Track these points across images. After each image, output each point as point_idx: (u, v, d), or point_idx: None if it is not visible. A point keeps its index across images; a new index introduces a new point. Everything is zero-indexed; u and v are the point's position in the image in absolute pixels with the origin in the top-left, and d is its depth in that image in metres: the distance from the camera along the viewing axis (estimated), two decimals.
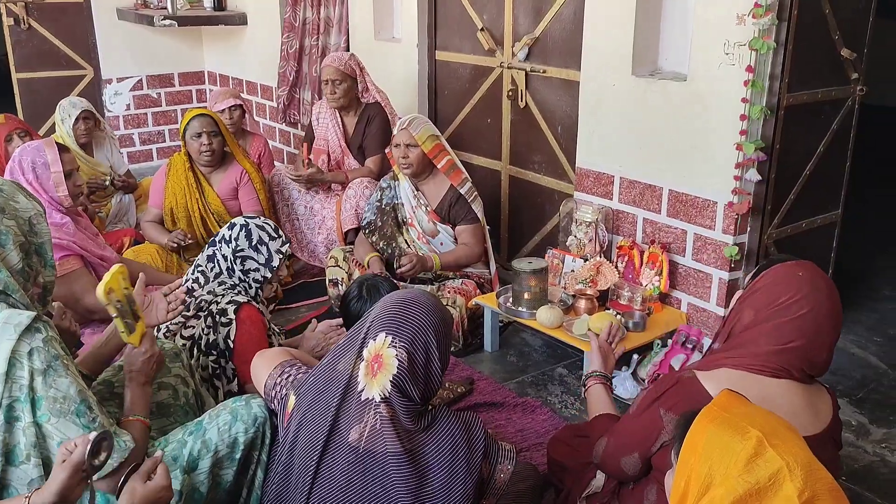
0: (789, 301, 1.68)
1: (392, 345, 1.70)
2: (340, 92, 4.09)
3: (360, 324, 1.81)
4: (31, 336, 1.63)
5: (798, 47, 2.85)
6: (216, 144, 3.78)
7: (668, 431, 1.68)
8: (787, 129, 2.96)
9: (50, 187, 3.11)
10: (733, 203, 2.94)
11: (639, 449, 1.76)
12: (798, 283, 1.70)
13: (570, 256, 3.44)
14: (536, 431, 2.76)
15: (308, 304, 3.83)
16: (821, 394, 1.74)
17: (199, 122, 3.76)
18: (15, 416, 1.63)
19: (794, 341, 1.66)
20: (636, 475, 1.82)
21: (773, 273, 1.75)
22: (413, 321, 1.72)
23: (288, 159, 5.80)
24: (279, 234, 2.69)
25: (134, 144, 6.40)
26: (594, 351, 2.31)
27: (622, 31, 3.22)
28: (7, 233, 1.72)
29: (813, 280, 1.70)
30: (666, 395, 1.73)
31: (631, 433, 1.80)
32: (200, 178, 3.89)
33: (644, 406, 1.78)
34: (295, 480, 1.78)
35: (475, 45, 4.14)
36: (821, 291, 1.69)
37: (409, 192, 3.60)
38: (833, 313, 1.69)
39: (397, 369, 1.68)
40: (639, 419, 1.78)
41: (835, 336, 1.71)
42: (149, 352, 1.95)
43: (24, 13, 5.81)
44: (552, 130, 3.83)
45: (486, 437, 1.78)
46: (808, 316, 1.67)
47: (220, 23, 5.96)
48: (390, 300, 1.80)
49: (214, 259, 2.63)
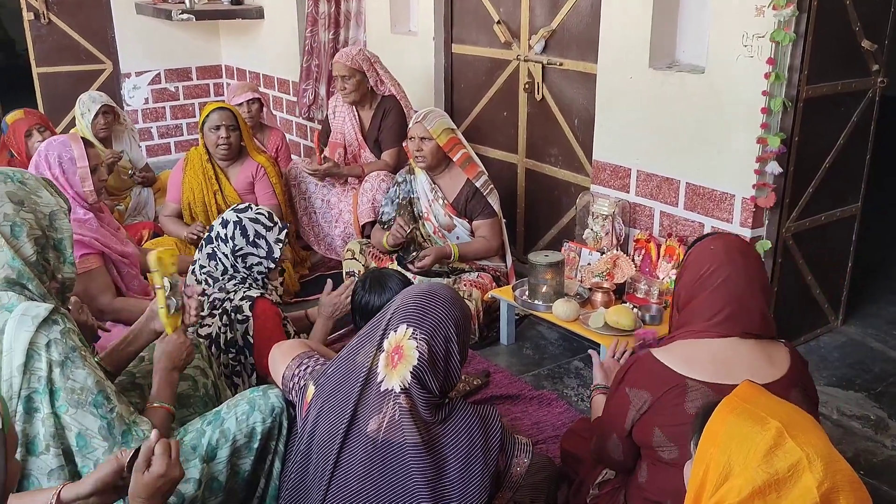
0: (707, 273, 1.82)
1: (413, 336, 1.71)
2: (350, 87, 4.09)
3: (381, 315, 1.82)
4: (49, 328, 1.66)
5: (818, 39, 2.82)
6: (233, 138, 3.80)
7: (634, 405, 1.81)
8: (806, 122, 2.93)
9: (76, 182, 3.13)
10: (756, 197, 2.91)
11: (615, 430, 1.88)
12: (711, 255, 1.84)
13: (586, 249, 3.43)
14: (552, 424, 2.77)
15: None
16: (775, 346, 1.83)
17: (219, 115, 3.79)
18: (34, 406, 1.65)
19: (724, 309, 1.78)
20: (624, 459, 1.91)
21: (693, 252, 1.91)
22: (434, 313, 1.73)
23: (305, 153, 5.82)
24: (275, 222, 2.67)
25: (152, 138, 6.44)
26: (597, 367, 2.36)
27: (639, 24, 3.21)
28: (22, 225, 1.74)
29: (726, 249, 1.84)
30: (627, 374, 1.85)
31: (607, 418, 1.92)
32: (218, 172, 3.91)
33: (613, 389, 1.91)
34: (313, 470, 1.80)
35: (492, 37, 4.14)
36: (734, 258, 1.83)
37: (427, 185, 3.60)
38: (751, 275, 1.83)
39: (417, 360, 1.69)
40: (610, 402, 1.91)
41: (762, 296, 1.83)
42: (181, 338, 1.99)
43: (45, 8, 5.86)
44: (569, 123, 3.82)
45: (502, 431, 1.79)
46: (727, 282, 1.79)
47: (237, 17, 5.99)
48: (411, 292, 1.81)
49: (216, 257, 2.62)
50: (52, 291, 1.81)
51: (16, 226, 1.74)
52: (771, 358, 1.80)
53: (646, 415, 1.80)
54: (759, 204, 2.92)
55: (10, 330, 1.63)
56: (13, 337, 1.63)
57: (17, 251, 1.72)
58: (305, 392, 1.87)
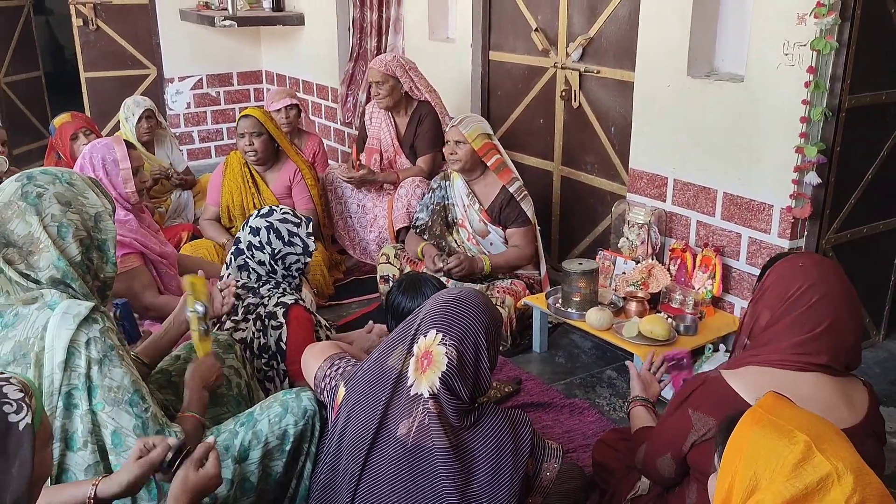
0: (799, 292, 1.70)
1: (442, 342, 1.71)
2: (384, 92, 4.13)
3: (411, 320, 1.83)
4: (89, 326, 1.69)
5: (861, 48, 2.77)
6: (258, 145, 3.85)
7: (696, 430, 1.71)
8: (848, 132, 2.88)
9: (118, 184, 3.21)
10: (793, 208, 2.87)
11: (670, 449, 1.78)
12: (803, 273, 1.72)
13: (621, 258, 3.41)
14: (583, 433, 2.75)
15: (359, 301, 3.89)
16: (855, 385, 1.72)
17: (243, 122, 3.86)
18: (73, 403, 1.69)
19: (817, 328, 1.67)
20: (672, 477, 1.83)
21: (776, 270, 1.78)
22: (464, 319, 1.73)
23: (342, 158, 5.87)
24: (300, 218, 2.72)
25: (193, 142, 6.56)
26: (634, 378, 2.31)
27: (678, 32, 3.18)
28: (69, 226, 1.79)
29: (818, 267, 1.73)
30: (693, 395, 1.75)
31: (662, 435, 1.83)
32: (256, 177, 3.97)
33: (673, 407, 1.80)
34: (343, 471, 1.81)
35: (529, 45, 4.14)
36: (828, 275, 1.71)
37: (463, 191, 3.61)
38: (847, 293, 1.71)
39: (446, 367, 1.69)
40: (669, 420, 1.81)
41: (857, 317, 1.72)
42: (212, 362, 2.07)
43: (93, 14, 6.01)
44: (605, 131, 3.80)
45: (532, 435, 1.78)
46: (822, 301, 1.68)
47: (278, 23, 6.07)
48: (441, 298, 1.81)
49: (247, 268, 2.65)
50: (93, 291, 1.85)
51: (62, 226, 1.78)
52: (850, 399, 1.68)
53: (709, 441, 1.69)
54: (795, 214, 2.88)
55: (52, 327, 1.68)
56: (55, 334, 1.67)
57: (62, 251, 1.77)
58: (336, 393, 1.89)
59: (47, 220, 1.76)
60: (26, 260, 1.75)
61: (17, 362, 1.69)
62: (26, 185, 1.77)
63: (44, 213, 1.76)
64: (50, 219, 1.76)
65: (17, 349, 1.69)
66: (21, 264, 1.74)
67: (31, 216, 1.75)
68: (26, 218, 1.75)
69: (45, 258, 1.75)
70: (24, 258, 1.74)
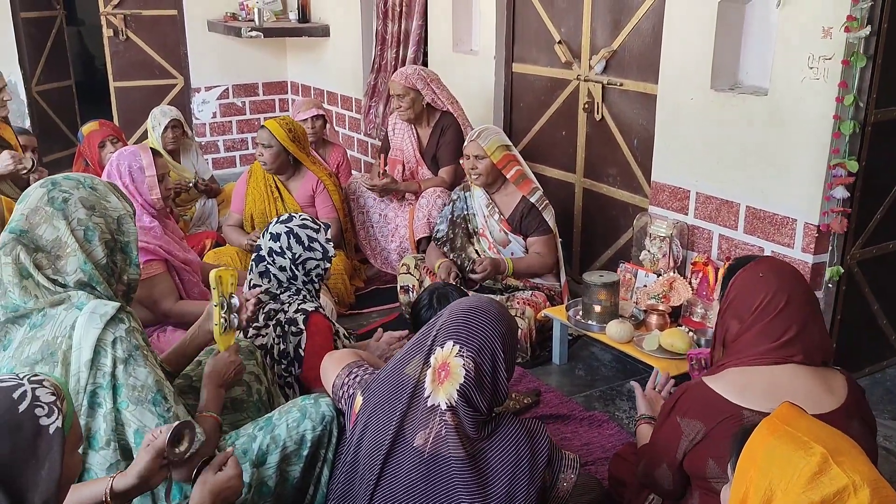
0: (766, 301, 1.78)
1: (459, 354, 1.71)
2: (405, 105, 4.15)
3: (428, 329, 1.83)
4: (116, 326, 1.72)
5: (887, 61, 2.75)
6: (267, 156, 3.88)
7: (686, 436, 1.77)
8: (874, 146, 2.85)
9: (144, 191, 3.25)
10: (829, 223, 2.84)
11: (665, 459, 1.83)
12: (764, 282, 1.80)
13: (642, 271, 3.39)
14: (602, 446, 2.73)
15: (379, 311, 3.90)
16: (833, 374, 1.79)
17: (258, 133, 3.94)
18: (98, 402, 1.71)
19: (787, 333, 1.75)
20: (672, 489, 1.87)
21: (738, 281, 1.86)
22: (480, 331, 1.73)
23: (365, 168, 5.91)
24: (319, 224, 2.75)
25: (218, 151, 6.63)
26: (640, 398, 2.31)
27: (702, 45, 3.18)
28: (94, 229, 1.82)
29: (777, 275, 1.82)
30: (679, 403, 1.81)
31: (655, 447, 1.88)
32: (279, 185, 4.01)
33: (662, 418, 1.86)
34: (359, 480, 1.82)
35: (552, 57, 4.15)
36: (788, 281, 1.80)
37: (483, 201, 3.62)
38: (807, 294, 1.82)
39: (464, 378, 1.70)
40: (660, 432, 1.87)
41: (819, 316, 1.82)
42: (232, 357, 2.06)
43: (123, 25, 6.12)
44: (628, 144, 3.80)
45: (549, 445, 1.78)
46: (789, 306, 1.77)
47: (304, 34, 6.14)
48: (457, 308, 1.81)
49: (268, 274, 2.68)
50: (118, 293, 1.88)
51: (88, 230, 1.82)
52: (829, 386, 1.75)
53: (699, 445, 1.76)
54: (833, 229, 2.84)
55: (79, 327, 1.71)
56: (82, 334, 1.70)
57: (88, 255, 1.80)
58: (353, 402, 1.89)
59: (74, 224, 1.80)
60: (54, 265, 1.78)
61: (45, 361, 1.72)
62: (52, 191, 1.81)
63: (70, 217, 1.80)
64: (76, 223, 1.80)
65: (45, 348, 1.72)
66: (49, 269, 1.78)
67: (58, 221, 1.79)
68: (53, 223, 1.78)
69: (72, 262, 1.78)
70: (52, 262, 1.78)
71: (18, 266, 1.75)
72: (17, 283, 1.74)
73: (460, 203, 3.69)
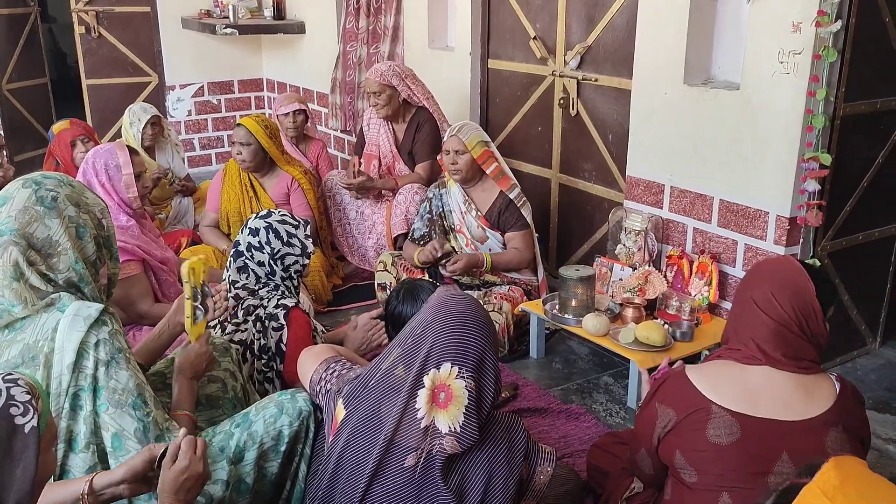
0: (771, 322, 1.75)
1: (460, 375, 1.67)
2: (382, 102, 4.14)
3: (415, 339, 1.75)
4: (99, 328, 1.71)
5: (855, 56, 2.79)
6: (246, 154, 3.87)
7: (660, 422, 1.79)
8: (843, 140, 2.90)
9: (121, 189, 3.23)
10: (804, 217, 2.88)
11: (644, 444, 1.86)
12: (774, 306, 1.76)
13: (618, 265, 3.42)
14: (580, 438, 2.76)
15: (358, 307, 3.90)
16: (820, 381, 1.76)
17: (235, 132, 3.92)
18: (79, 404, 1.70)
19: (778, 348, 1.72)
20: (654, 473, 1.89)
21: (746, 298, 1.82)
22: (474, 345, 1.70)
23: (342, 165, 5.89)
24: (298, 220, 2.74)
25: (194, 149, 6.59)
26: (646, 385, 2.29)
27: (675, 40, 3.21)
28: (85, 226, 1.82)
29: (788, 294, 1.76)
30: (660, 388, 1.84)
31: (637, 431, 1.92)
32: (254, 183, 3.99)
33: (644, 403, 1.89)
34: (340, 494, 1.78)
35: (528, 53, 4.17)
36: (798, 297, 1.75)
37: (460, 198, 3.63)
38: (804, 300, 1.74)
39: (468, 399, 1.67)
40: (641, 416, 1.89)
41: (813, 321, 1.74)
42: (203, 347, 2.05)
43: (95, 22, 6.05)
44: (603, 139, 3.83)
45: (526, 439, 1.79)
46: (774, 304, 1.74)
47: (279, 31, 6.11)
48: (444, 318, 1.73)
49: (247, 269, 2.67)
50: (101, 290, 1.88)
51: (80, 227, 1.81)
52: (809, 392, 1.71)
53: (670, 434, 1.78)
54: (809, 222, 2.88)
55: (62, 329, 1.69)
56: (65, 336, 1.68)
57: (80, 252, 1.80)
58: (335, 410, 1.84)
59: (66, 221, 1.79)
60: (46, 262, 1.77)
61: (26, 364, 1.70)
62: (38, 191, 1.79)
63: (63, 215, 1.79)
64: (69, 220, 1.80)
65: (26, 351, 1.71)
66: (42, 265, 1.76)
67: (50, 219, 1.77)
68: (46, 222, 1.77)
69: (64, 261, 1.78)
70: (45, 260, 1.77)
71: (11, 267, 1.73)
72: (6, 284, 1.72)
73: (436, 201, 3.70)
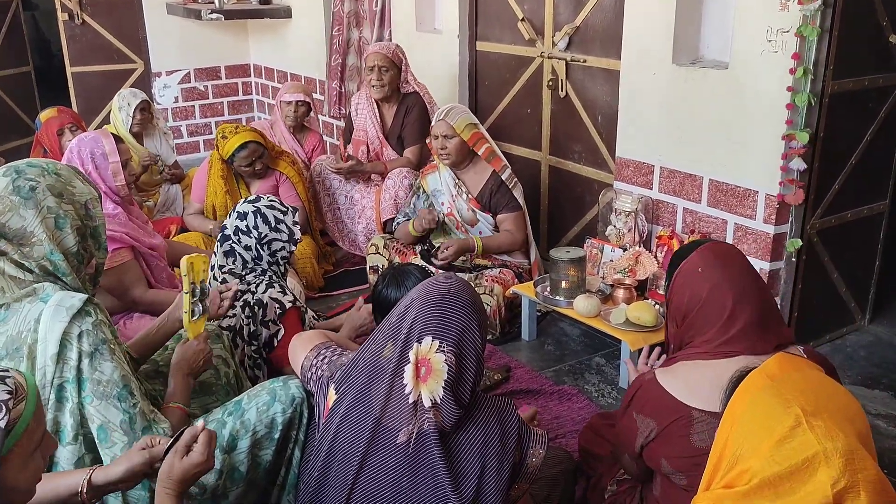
0: (707, 299, 1.75)
1: (440, 349, 1.67)
2: (386, 79, 4.12)
3: (399, 316, 1.76)
4: (82, 319, 1.69)
5: (844, 33, 2.79)
6: (260, 166, 3.86)
7: (641, 433, 1.77)
8: (831, 118, 2.90)
9: (108, 177, 3.20)
10: (784, 194, 2.89)
11: (626, 450, 1.85)
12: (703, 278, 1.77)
13: (609, 246, 3.43)
14: (572, 419, 2.77)
15: (349, 292, 3.89)
16: None
17: (249, 151, 3.79)
18: (65, 396, 1.69)
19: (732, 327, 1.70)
20: (639, 473, 1.89)
21: (679, 279, 1.84)
22: (458, 321, 1.70)
23: (331, 150, 5.86)
24: (286, 207, 2.74)
25: (181, 136, 6.54)
26: (633, 373, 2.27)
27: (663, 20, 3.20)
28: (66, 216, 1.79)
29: (715, 266, 1.77)
30: (635, 398, 1.81)
31: (618, 437, 1.90)
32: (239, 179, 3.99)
33: (622, 410, 1.87)
34: (334, 476, 1.78)
35: (516, 35, 4.15)
36: (728, 270, 1.76)
37: (450, 180, 3.62)
38: (750, 277, 1.76)
39: (447, 374, 1.67)
40: (620, 423, 1.87)
41: (767, 296, 1.76)
42: (201, 345, 2.04)
43: (78, 9, 5.98)
44: (592, 120, 3.82)
45: (519, 422, 1.79)
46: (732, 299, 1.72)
47: (266, 16, 6.06)
48: (429, 295, 1.74)
49: (234, 253, 2.66)
50: (86, 279, 1.85)
51: (59, 218, 1.78)
52: None
53: (653, 443, 1.76)
54: (787, 201, 2.89)
55: (45, 320, 1.67)
56: (48, 327, 1.67)
57: (58, 243, 1.77)
58: (327, 395, 1.84)
59: (44, 212, 1.76)
60: (19, 250, 1.74)
61: (10, 356, 1.68)
62: (17, 180, 1.76)
63: (40, 206, 1.75)
64: (47, 211, 1.76)
65: (10, 343, 1.69)
66: (15, 254, 1.74)
67: (25, 210, 1.74)
68: (20, 212, 1.74)
69: (38, 251, 1.75)
70: (17, 249, 1.74)
71: None
72: None
73: (421, 191, 3.72)
